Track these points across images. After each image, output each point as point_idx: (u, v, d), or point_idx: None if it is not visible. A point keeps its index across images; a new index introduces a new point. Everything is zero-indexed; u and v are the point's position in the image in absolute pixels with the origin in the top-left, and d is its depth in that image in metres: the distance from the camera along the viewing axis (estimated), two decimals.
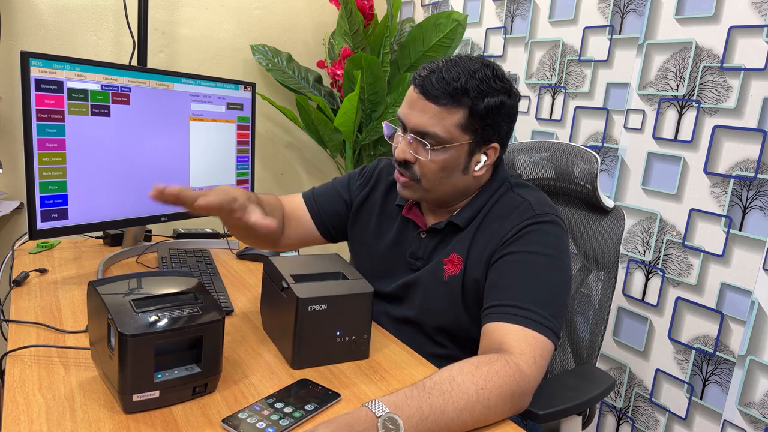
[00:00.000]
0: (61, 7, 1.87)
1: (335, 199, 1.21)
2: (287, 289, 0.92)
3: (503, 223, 1.00)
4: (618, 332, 1.68)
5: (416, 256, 1.09)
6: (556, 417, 0.94)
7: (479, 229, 1.04)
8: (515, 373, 0.82)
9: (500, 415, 0.81)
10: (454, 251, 1.04)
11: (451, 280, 1.03)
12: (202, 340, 0.79)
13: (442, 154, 0.97)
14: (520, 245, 0.96)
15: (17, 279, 1.17)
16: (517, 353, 0.85)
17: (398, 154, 1.00)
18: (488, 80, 0.96)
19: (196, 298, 0.83)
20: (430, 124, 0.96)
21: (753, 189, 1.35)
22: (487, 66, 0.98)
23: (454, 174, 1.00)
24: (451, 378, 0.78)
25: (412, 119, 0.98)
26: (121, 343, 0.72)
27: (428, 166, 0.98)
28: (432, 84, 0.95)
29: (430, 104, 0.95)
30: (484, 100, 0.95)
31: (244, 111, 1.58)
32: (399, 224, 1.13)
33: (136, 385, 0.74)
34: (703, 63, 1.44)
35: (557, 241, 0.98)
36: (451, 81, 0.94)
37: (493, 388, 0.79)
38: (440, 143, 0.96)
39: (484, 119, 0.96)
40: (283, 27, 2.31)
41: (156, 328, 0.75)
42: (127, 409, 0.75)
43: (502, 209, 1.03)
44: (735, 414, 1.40)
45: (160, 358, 0.76)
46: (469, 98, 0.95)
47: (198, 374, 0.79)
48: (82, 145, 1.22)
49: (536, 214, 0.99)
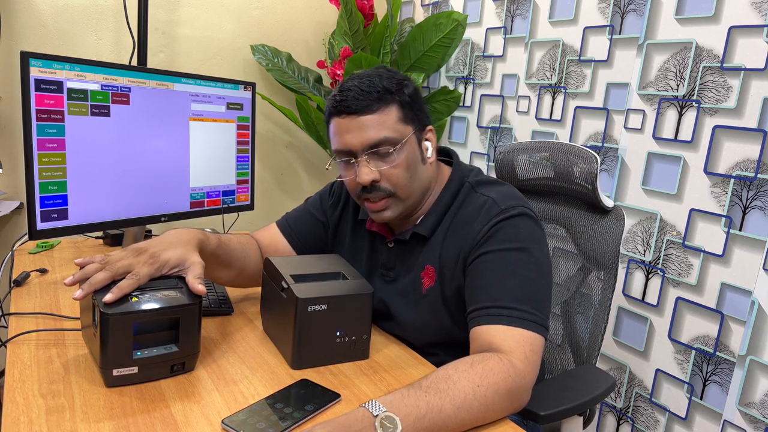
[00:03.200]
0: (61, 7, 1.87)
1: (311, 222, 1.21)
2: (287, 289, 0.92)
3: (472, 226, 0.99)
4: (618, 332, 1.68)
5: (387, 266, 1.10)
6: (557, 418, 0.94)
7: (447, 236, 1.02)
8: (509, 369, 0.82)
9: (498, 412, 0.81)
10: (427, 263, 1.04)
11: (429, 292, 1.03)
12: (180, 321, 0.84)
13: (401, 153, 0.98)
14: (492, 244, 0.95)
15: (18, 279, 1.17)
16: (507, 351, 0.85)
17: (363, 179, 0.97)
18: (392, 76, 1.01)
19: (177, 284, 0.87)
20: (376, 132, 0.97)
21: (753, 189, 1.35)
22: (381, 68, 1.03)
23: (417, 168, 1.01)
24: (447, 376, 0.78)
25: (356, 140, 0.97)
26: (102, 321, 0.78)
27: (394, 172, 0.98)
28: (357, 101, 0.97)
29: (365, 117, 0.97)
30: (403, 91, 1.00)
31: (244, 111, 1.58)
32: (368, 238, 1.14)
33: (116, 360, 0.80)
34: (703, 63, 1.44)
35: (528, 233, 0.96)
36: (370, 89, 0.97)
37: (489, 385, 0.79)
38: (394, 144, 0.98)
39: (413, 106, 1.01)
40: (283, 27, 2.31)
41: (134, 308, 0.80)
42: (108, 383, 0.81)
43: (467, 212, 1.02)
44: (735, 414, 1.40)
45: (140, 336, 0.82)
46: (392, 94, 0.98)
47: (175, 353, 0.84)
48: (82, 145, 1.22)
49: (502, 210, 0.97)
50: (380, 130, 0.97)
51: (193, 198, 1.49)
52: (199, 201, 1.51)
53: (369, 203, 1.02)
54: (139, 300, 0.82)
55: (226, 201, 1.58)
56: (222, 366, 0.91)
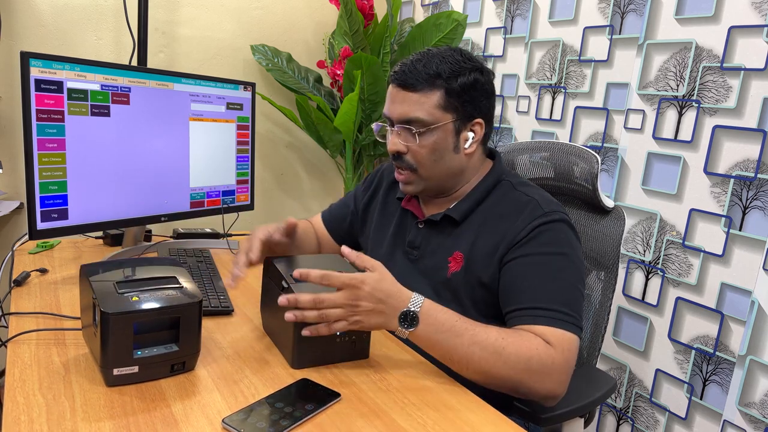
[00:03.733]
0: (61, 7, 1.87)
1: (344, 211, 1.32)
2: (287, 289, 0.92)
3: (514, 222, 1.02)
4: (618, 332, 1.68)
5: (414, 245, 1.13)
6: (558, 420, 0.94)
7: (484, 227, 1.05)
8: (540, 345, 0.88)
9: (512, 371, 0.87)
10: (457, 248, 1.06)
11: (454, 277, 1.06)
12: (180, 321, 0.84)
13: (429, 136, 1.03)
14: (535, 246, 0.99)
15: (18, 279, 1.17)
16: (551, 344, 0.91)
17: (390, 147, 1.06)
18: (458, 62, 1.03)
19: (177, 283, 0.88)
20: (412, 110, 1.02)
21: (753, 189, 1.35)
22: (455, 51, 1.05)
23: (446, 155, 1.05)
24: (487, 324, 0.90)
25: (395, 111, 1.04)
26: (103, 320, 0.78)
27: (419, 151, 1.04)
28: (407, 75, 1.02)
29: (408, 93, 1.02)
30: (457, 80, 1.02)
31: (243, 111, 1.58)
32: (398, 216, 1.19)
33: (117, 360, 0.80)
34: (703, 63, 1.44)
35: (569, 239, 1.01)
36: (423, 69, 1.02)
37: (512, 343, 0.87)
38: (425, 126, 1.02)
39: (462, 97, 1.03)
40: (283, 27, 2.31)
41: (135, 307, 0.80)
42: (108, 382, 0.81)
43: (507, 207, 1.05)
44: (735, 414, 1.40)
45: (140, 336, 0.82)
46: (442, 79, 1.01)
47: (175, 353, 0.84)
48: (82, 145, 1.22)
49: (546, 212, 1.01)
50: (416, 109, 1.02)
51: (193, 198, 1.49)
52: (199, 201, 1.51)
53: (397, 171, 1.09)
54: (139, 299, 0.82)
55: (226, 201, 1.58)
56: (222, 366, 0.91)
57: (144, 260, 0.97)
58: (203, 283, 1.21)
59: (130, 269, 0.91)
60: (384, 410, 0.82)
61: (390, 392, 0.87)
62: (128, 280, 0.86)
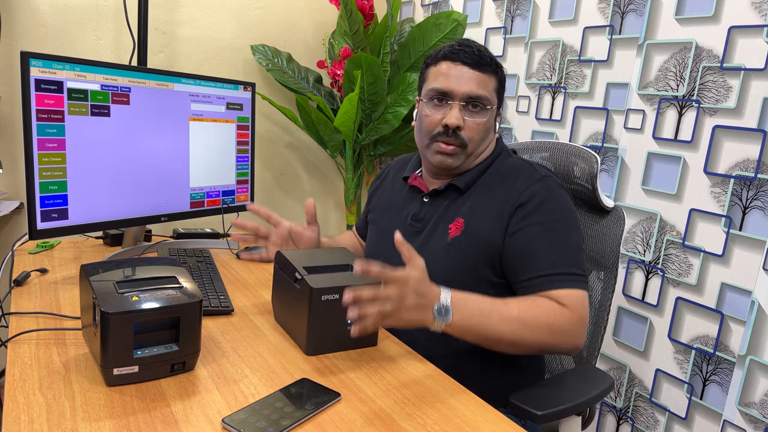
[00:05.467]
0: (61, 7, 1.87)
1: (365, 213, 1.41)
2: (301, 280, 0.96)
3: (513, 184, 1.09)
4: (618, 332, 1.68)
5: (417, 218, 1.18)
6: (554, 417, 0.93)
7: (483, 192, 1.12)
8: (556, 308, 0.97)
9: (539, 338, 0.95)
10: (458, 215, 1.12)
11: (454, 241, 1.10)
12: (180, 320, 0.84)
13: (486, 115, 1.12)
14: (540, 215, 1.05)
15: (18, 279, 1.17)
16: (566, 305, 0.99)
17: (453, 121, 1.09)
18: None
19: (177, 283, 0.88)
20: (479, 88, 1.10)
21: (753, 189, 1.35)
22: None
23: (488, 134, 1.15)
24: (507, 300, 0.97)
25: (462, 87, 1.09)
26: (103, 320, 0.78)
27: (476, 128, 1.11)
28: (475, 55, 1.10)
29: (476, 72, 1.10)
30: (503, 71, 1.16)
31: (243, 111, 1.58)
32: (405, 194, 1.25)
33: (117, 359, 0.80)
34: (703, 63, 1.44)
35: (568, 204, 1.09)
36: (487, 54, 1.12)
37: (534, 314, 0.96)
38: (486, 104, 1.11)
39: (503, 86, 1.16)
40: (283, 27, 2.31)
41: (135, 307, 0.80)
42: (108, 382, 0.81)
43: (504, 170, 1.13)
44: (735, 414, 1.40)
45: (141, 336, 0.82)
46: (498, 67, 1.14)
47: (176, 352, 0.85)
48: (82, 145, 1.22)
49: (543, 176, 1.09)
50: (482, 88, 1.10)
51: (193, 198, 1.49)
52: (199, 201, 1.51)
53: (442, 144, 1.12)
54: (139, 299, 0.82)
55: (226, 201, 1.58)
56: (222, 365, 0.91)
57: (144, 260, 0.97)
58: (203, 283, 1.21)
59: (130, 269, 0.91)
60: (384, 410, 0.82)
61: (390, 392, 0.87)
62: (128, 280, 0.87)
